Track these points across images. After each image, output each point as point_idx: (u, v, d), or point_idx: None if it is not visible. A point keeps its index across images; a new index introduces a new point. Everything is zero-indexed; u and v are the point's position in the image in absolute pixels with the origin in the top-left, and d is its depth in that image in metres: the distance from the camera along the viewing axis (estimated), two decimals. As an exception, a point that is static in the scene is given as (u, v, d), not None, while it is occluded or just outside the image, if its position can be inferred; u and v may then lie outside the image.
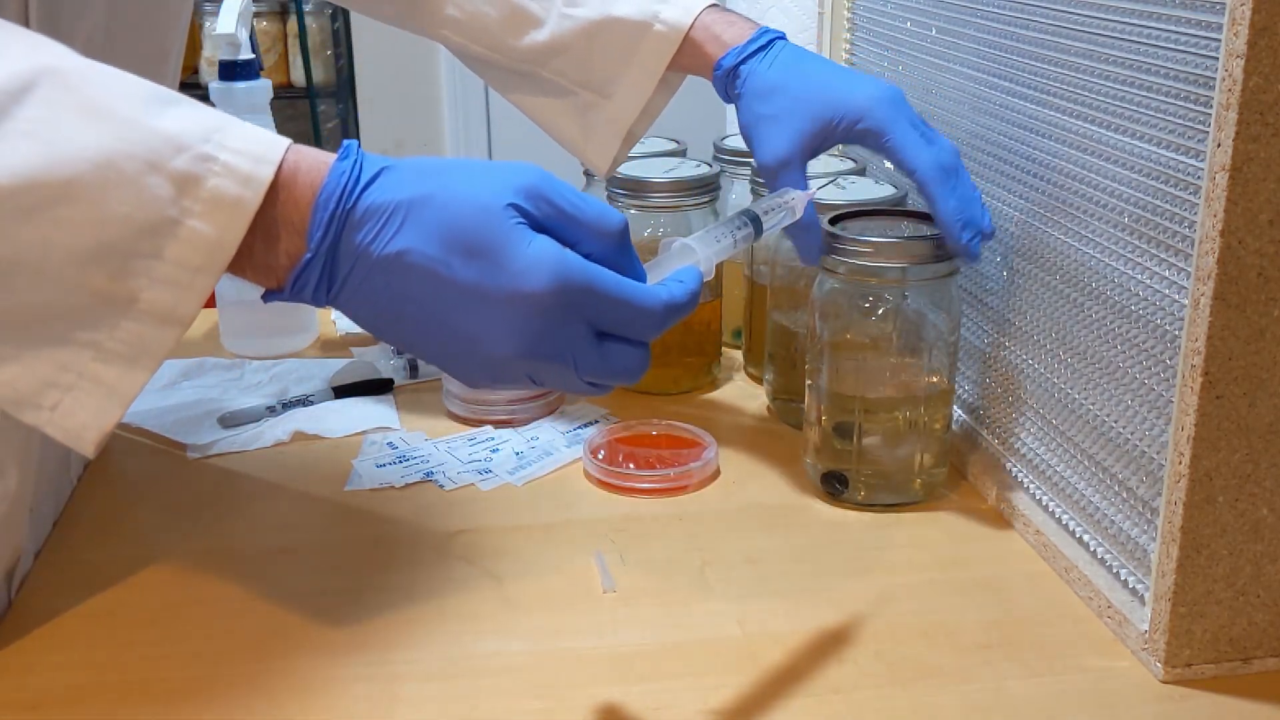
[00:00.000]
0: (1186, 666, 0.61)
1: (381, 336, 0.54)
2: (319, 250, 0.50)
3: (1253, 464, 0.58)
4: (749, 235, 0.63)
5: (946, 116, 0.85)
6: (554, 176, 0.53)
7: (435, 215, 0.50)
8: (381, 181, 0.51)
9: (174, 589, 0.71)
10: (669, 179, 0.92)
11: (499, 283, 0.50)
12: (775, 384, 0.92)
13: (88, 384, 0.49)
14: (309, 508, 0.80)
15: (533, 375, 0.52)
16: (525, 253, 0.50)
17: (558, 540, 0.76)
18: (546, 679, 0.62)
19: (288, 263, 0.51)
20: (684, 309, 0.55)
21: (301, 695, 0.61)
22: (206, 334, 1.10)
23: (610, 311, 0.51)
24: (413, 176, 0.51)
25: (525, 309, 0.50)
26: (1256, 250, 0.55)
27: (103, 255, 0.47)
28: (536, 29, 0.80)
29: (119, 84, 0.49)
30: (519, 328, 0.50)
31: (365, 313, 0.52)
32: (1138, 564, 0.64)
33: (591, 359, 0.52)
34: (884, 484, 0.79)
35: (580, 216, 0.52)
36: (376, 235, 0.50)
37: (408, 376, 1.00)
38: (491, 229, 0.50)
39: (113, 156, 0.47)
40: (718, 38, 0.78)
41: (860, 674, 0.62)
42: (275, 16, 3.07)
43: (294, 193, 0.50)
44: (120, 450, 0.88)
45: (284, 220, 0.50)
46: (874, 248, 0.74)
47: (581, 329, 0.51)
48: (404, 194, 0.51)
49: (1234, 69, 0.53)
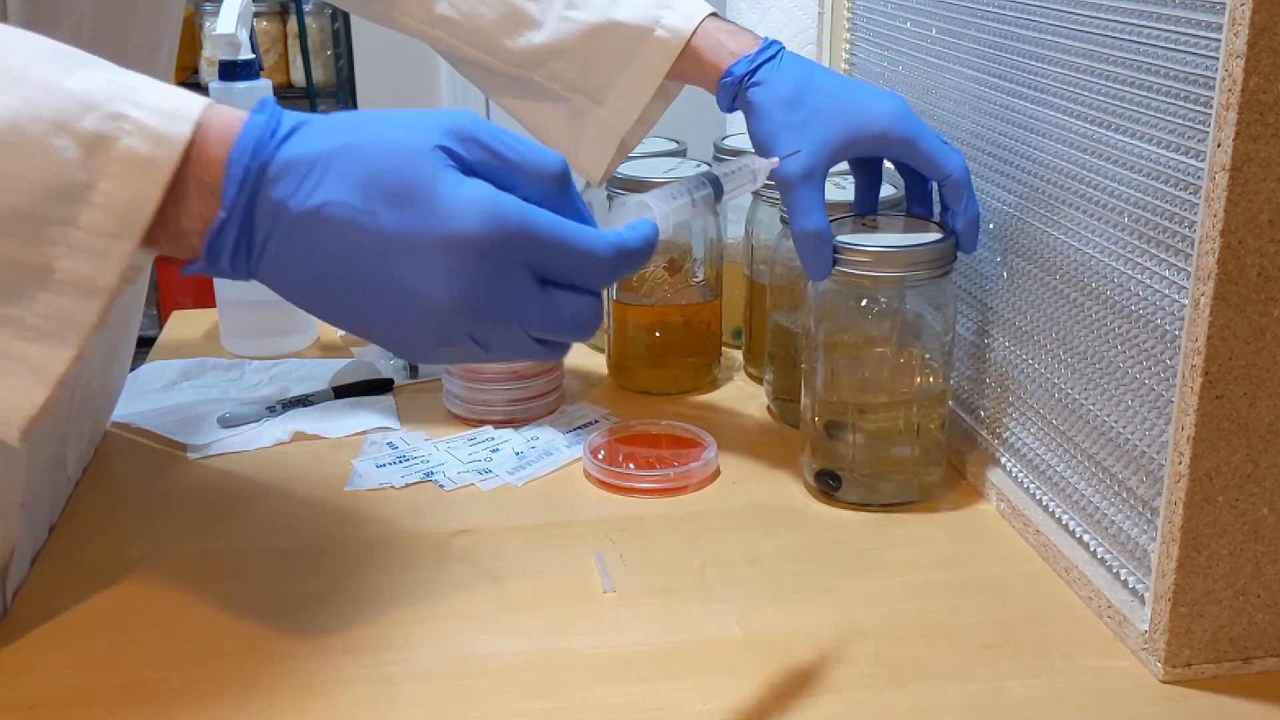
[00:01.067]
0: (1186, 666, 0.61)
1: (314, 309, 0.50)
2: (233, 210, 0.47)
3: (1253, 464, 0.58)
4: (708, 197, 0.61)
5: (946, 116, 0.85)
6: (488, 121, 0.49)
7: (357, 164, 0.47)
8: (301, 134, 0.48)
9: (173, 589, 0.70)
10: (669, 179, 0.92)
11: (428, 227, 0.46)
12: (775, 384, 0.92)
13: (11, 363, 0.47)
14: (309, 508, 0.80)
15: (477, 336, 0.49)
16: (455, 194, 0.46)
17: (558, 540, 0.76)
18: (546, 679, 0.62)
19: (201, 226, 0.48)
20: (636, 256, 0.51)
21: (301, 696, 0.61)
22: (206, 334, 1.11)
23: (553, 256, 0.48)
24: (334, 128, 0.48)
25: (458, 254, 0.46)
26: (1256, 250, 0.55)
27: (14, 222, 0.45)
28: (533, 31, 0.79)
29: (23, 43, 0.47)
30: (453, 275, 0.47)
31: (291, 281, 0.49)
32: (1138, 564, 0.64)
33: (537, 310, 0.48)
34: (878, 483, 0.78)
35: (515, 159, 0.49)
36: (295, 190, 0.47)
37: (408, 376, 1.00)
38: (417, 172, 0.47)
39: (16, 118, 0.44)
40: (722, 45, 0.77)
41: (860, 674, 0.62)
42: (275, 16, 3.07)
43: (206, 151, 0.47)
44: (120, 450, 0.88)
45: (197, 181, 0.47)
46: (873, 257, 0.73)
47: (523, 277, 0.48)
48: (324, 145, 0.47)
49: (1234, 69, 0.53)
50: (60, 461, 0.79)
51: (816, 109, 0.73)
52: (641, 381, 0.98)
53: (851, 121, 0.73)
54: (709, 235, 0.95)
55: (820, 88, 0.74)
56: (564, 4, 0.79)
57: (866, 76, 1.01)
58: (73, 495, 0.81)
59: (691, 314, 0.96)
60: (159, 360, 1.03)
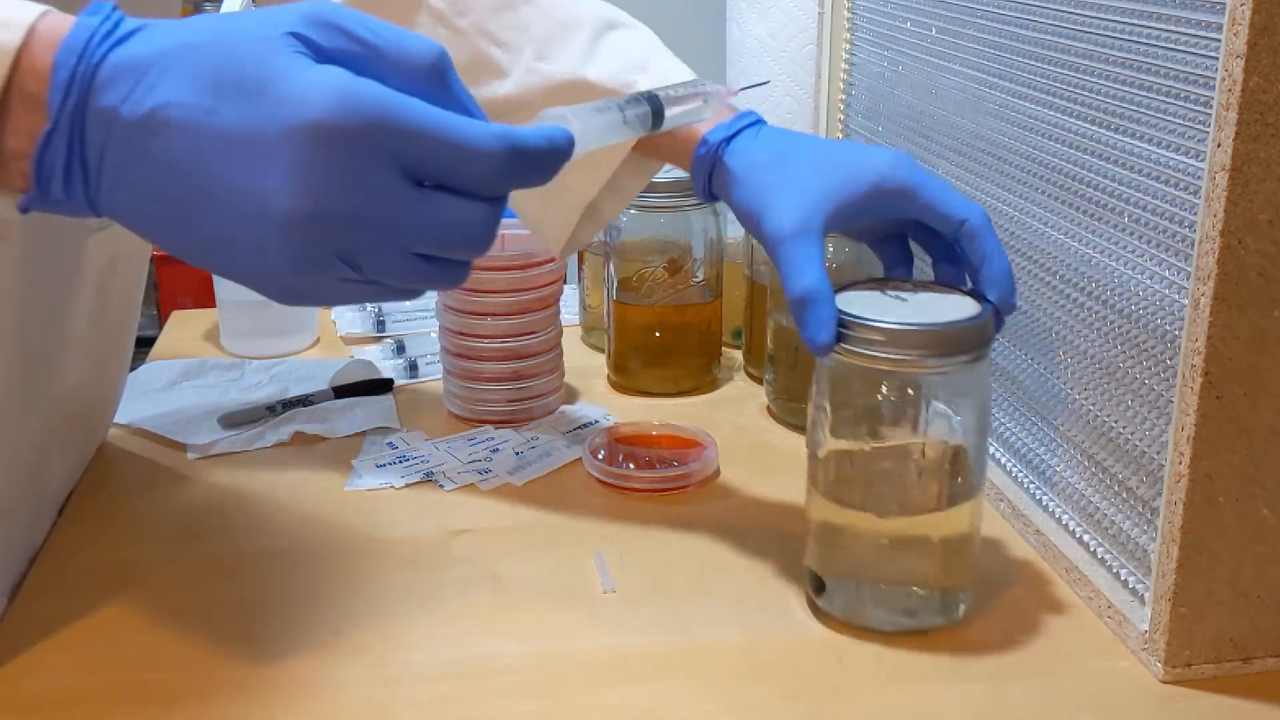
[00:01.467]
0: (1187, 667, 0.61)
1: (162, 239, 0.44)
2: (59, 120, 0.41)
3: (1254, 465, 0.58)
4: (644, 117, 0.54)
5: (946, 116, 0.85)
6: (354, 10, 0.43)
7: (198, 60, 0.41)
8: (139, 36, 0.42)
9: (173, 590, 0.70)
10: (669, 179, 0.92)
11: (270, 117, 0.40)
12: (775, 384, 0.92)
13: None
14: (309, 508, 0.80)
15: (341, 250, 0.42)
16: (302, 78, 0.41)
17: (558, 540, 0.75)
18: (546, 680, 0.62)
19: (30, 146, 0.42)
20: (536, 158, 0.43)
21: (300, 696, 0.61)
22: (206, 334, 1.11)
23: (427, 151, 0.41)
24: (179, 27, 0.43)
25: (303, 146, 0.40)
26: (1256, 250, 0.55)
27: None
28: (499, 80, 0.72)
29: None
30: (299, 171, 0.40)
31: (134, 207, 0.43)
32: (1138, 564, 0.64)
33: (411, 216, 0.42)
34: (882, 600, 0.65)
35: (382, 44, 0.42)
36: (129, 95, 0.41)
37: (408, 376, 1.00)
38: (262, 60, 0.41)
39: None
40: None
41: (860, 674, 0.62)
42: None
43: (33, 58, 0.41)
44: (120, 450, 0.88)
45: (22, 92, 0.41)
46: (888, 335, 0.59)
47: (390, 176, 0.41)
48: (163, 45, 0.42)
49: (1234, 69, 0.53)
50: (37, 473, 0.73)
51: (804, 163, 0.65)
52: (641, 381, 0.98)
53: (842, 173, 0.63)
54: (709, 235, 0.95)
55: (808, 145, 0.67)
56: (533, 54, 0.72)
57: (867, 76, 1.01)
58: (73, 495, 0.81)
59: (691, 314, 0.96)
60: (159, 360, 1.03)
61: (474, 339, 0.90)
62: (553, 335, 0.93)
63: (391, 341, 1.08)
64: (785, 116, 1.11)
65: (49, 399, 0.72)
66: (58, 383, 0.73)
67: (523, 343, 0.90)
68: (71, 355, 0.74)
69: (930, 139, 0.88)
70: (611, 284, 0.96)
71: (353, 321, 1.12)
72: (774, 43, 1.12)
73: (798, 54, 1.12)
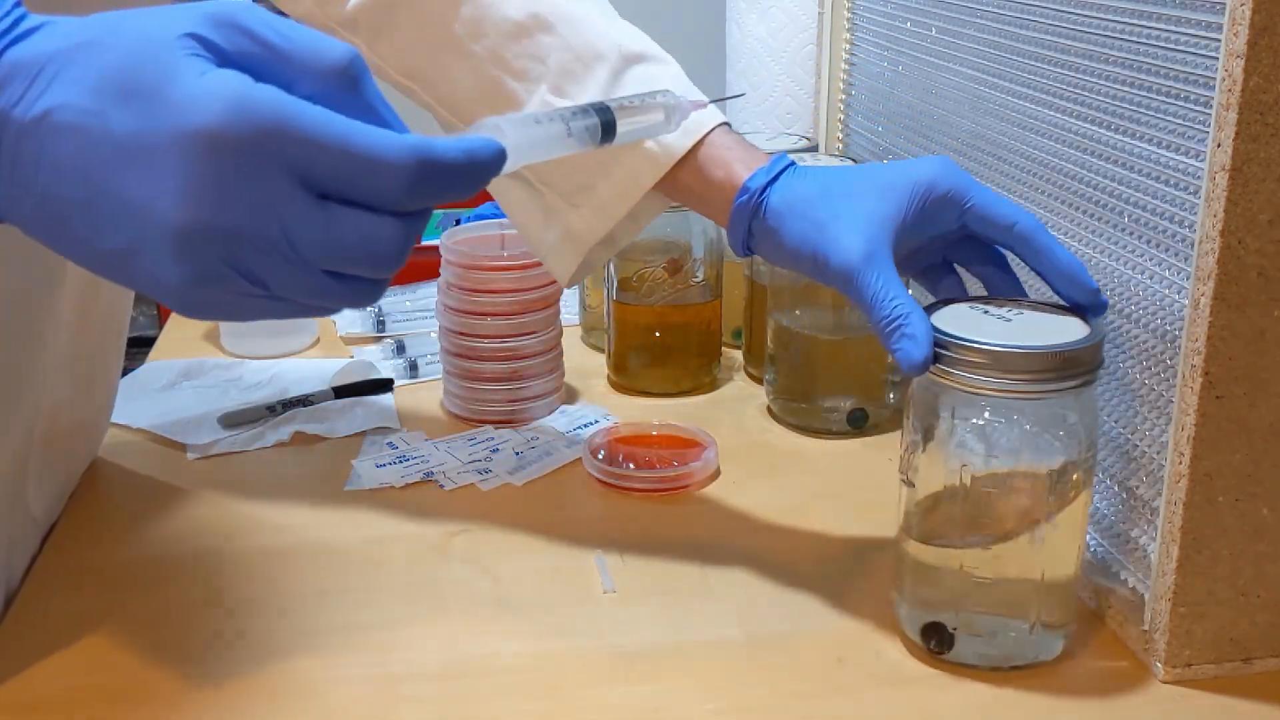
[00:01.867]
0: (1187, 666, 0.61)
1: (59, 246, 0.42)
2: None
3: (1254, 464, 0.58)
4: (592, 129, 0.49)
5: (946, 116, 0.85)
6: (262, 9, 0.41)
7: (94, 60, 0.40)
8: (40, 34, 0.41)
9: (173, 590, 0.70)
10: None
11: (161, 123, 0.38)
12: (775, 384, 0.92)
13: None
14: (309, 508, 0.80)
15: (237, 263, 0.40)
16: (194, 85, 0.39)
17: (558, 540, 0.75)
18: (546, 679, 0.62)
19: None
20: (452, 171, 0.41)
21: (300, 696, 0.61)
22: (206, 334, 1.11)
23: (327, 161, 0.39)
24: (79, 25, 0.41)
25: (191, 154, 0.38)
26: (1256, 250, 0.55)
27: None
28: (514, 110, 0.69)
29: None
30: (187, 180, 0.38)
31: (30, 213, 0.41)
32: (1138, 564, 0.64)
33: (310, 230, 0.40)
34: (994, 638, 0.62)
35: (287, 47, 0.40)
36: (22, 96, 0.40)
37: (408, 376, 1.00)
38: (156, 63, 0.39)
39: None
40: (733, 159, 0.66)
41: (861, 674, 0.62)
42: (275, 16, 3.07)
43: None
44: (120, 450, 0.88)
45: None
46: (991, 357, 0.56)
47: (287, 187, 0.39)
48: (60, 43, 0.40)
49: (1234, 69, 0.53)
50: (15, 498, 0.70)
51: (854, 190, 0.62)
52: (641, 381, 0.98)
53: (896, 188, 0.61)
54: (709, 235, 0.95)
55: (850, 174, 0.64)
56: (550, 88, 0.69)
57: (867, 77, 1.01)
58: (73, 495, 0.81)
59: (691, 314, 0.96)
60: (159, 360, 1.03)
61: (474, 339, 0.90)
62: (552, 335, 0.93)
63: (391, 341, 1.08)
64: (785, 116, 1.11)
65: (25, 419, 0.68)
66: (34, 401, 0.69)
67: (522, 343, 0.90)
68: (51, 372, 0.70)
69: (930, 139, 0.88)
70: (611, 284, 0.96)
71: (353, 321, 1.12)
72: (774, 43, 1.12)
73: (798, 54, 1.12)
